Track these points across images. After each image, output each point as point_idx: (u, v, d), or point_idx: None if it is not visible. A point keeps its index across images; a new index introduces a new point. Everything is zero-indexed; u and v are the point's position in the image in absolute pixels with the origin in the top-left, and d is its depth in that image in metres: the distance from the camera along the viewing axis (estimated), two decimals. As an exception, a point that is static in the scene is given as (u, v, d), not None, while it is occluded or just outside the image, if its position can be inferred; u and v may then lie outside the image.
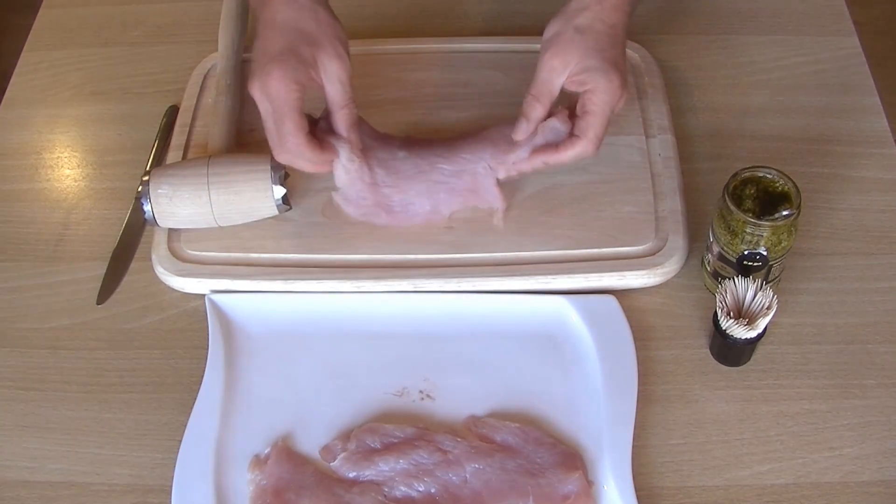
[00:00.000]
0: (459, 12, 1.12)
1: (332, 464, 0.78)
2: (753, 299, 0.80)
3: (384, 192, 0.90)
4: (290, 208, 0.90)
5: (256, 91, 0.82)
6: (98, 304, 0.90)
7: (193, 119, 1.00)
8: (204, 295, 0.88)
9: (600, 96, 0.84)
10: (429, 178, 0.91)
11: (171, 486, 0.77)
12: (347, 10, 0.90)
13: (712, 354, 0.84)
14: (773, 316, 0.79)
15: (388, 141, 0.92)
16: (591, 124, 0.85)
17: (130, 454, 0.81)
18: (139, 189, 0.88)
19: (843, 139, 0.99)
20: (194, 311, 0.88)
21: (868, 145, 0.98)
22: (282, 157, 0.84)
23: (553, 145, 0.87)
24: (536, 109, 0.87)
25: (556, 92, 0.86)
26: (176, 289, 0.90)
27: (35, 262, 0.93)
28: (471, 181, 0.90)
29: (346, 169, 0.86)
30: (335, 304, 0.87)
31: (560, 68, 0.85)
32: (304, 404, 0.82)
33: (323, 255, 0.89)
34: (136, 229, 0.94)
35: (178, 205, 0.88)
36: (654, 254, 0.88)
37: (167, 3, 1.15)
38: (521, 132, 0.88)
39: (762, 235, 0.80)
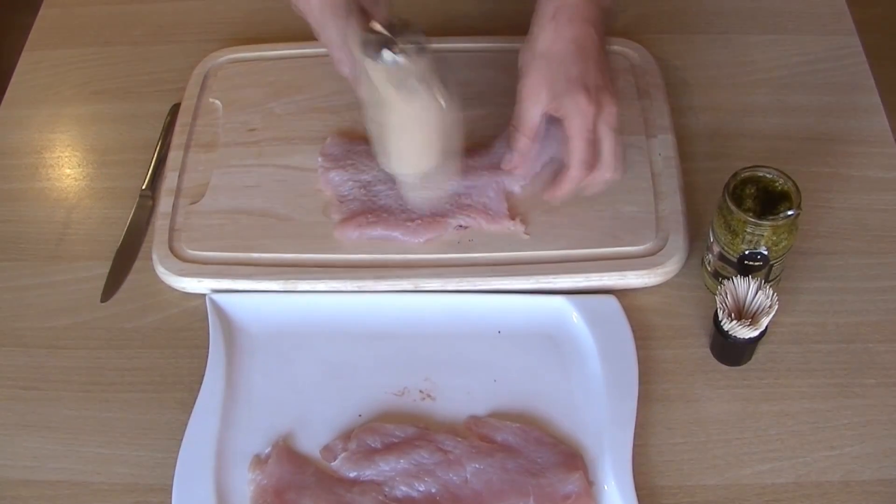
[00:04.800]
0: (459, 12, 1.12)
1: (332, 463, 0.78)
2: (754, 299, 0.80)
3: (377, 190, 0.91)
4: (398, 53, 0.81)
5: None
6: (102, 301, 0.90)
7: (194, 118, 1.00)
8: (204, 294, 0.88)
9: (571, 122, 0.84)
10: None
11: (171, 486, 0.77)
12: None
13: (713, 354, 0.84)
14: (774, 315, 0.79)
15: None
16: (573, 150, 0.84)
17: (131, 453, 0.81)
18: None
19: (843, 138, 0.99)
20: (195, 311, 0.88)
21: (868, 144, 0.98)
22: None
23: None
24: (521, 141, 0.88)
25: (537, 123, 0.86)
26: (177, 288, 0.90)
27: (36, 261, 0.93)
28: (479, 200, 0.92)
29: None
30: (335, 304, 0.87)
31: (533, 101, 0.85)
32: (305, 404, 0.82)
33: (323, 255, 0.89)
34: (140, 227, 0.94)
35: None
36: (654, 253, 0.88)
37: (167, 3, 1.15)
38: (509, 163, 0.90)
39: (762, 235, 0.80)
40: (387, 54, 0.80)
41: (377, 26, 0.82)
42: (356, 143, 0.96)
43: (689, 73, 1.05)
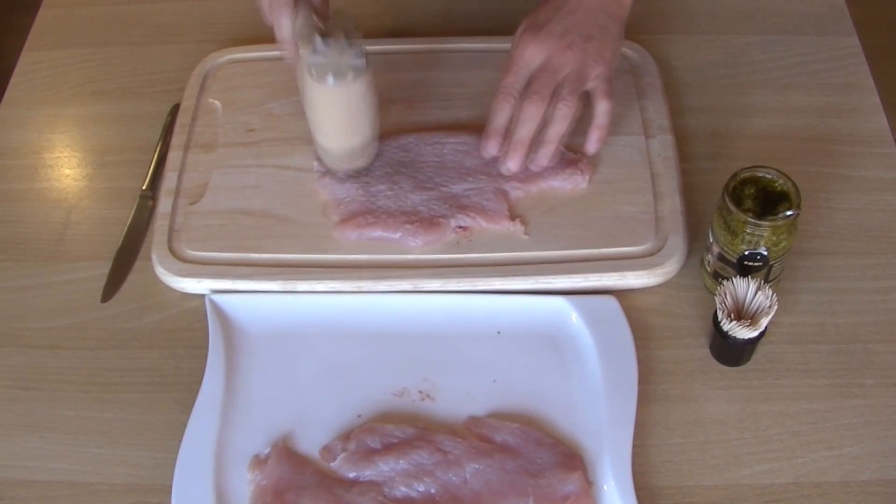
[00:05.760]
0: (459, 12, 1.12)
1: (332, 464, 0.78)
2: (753, 299, 0.80)
3: (376, 190, 0.91)
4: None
5: None
6: (102, 301, 0.90)
7: (193, 119, 1.00)
8: (204, 295, 0.88)
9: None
10: (430, 191, 0.92)
11: (171, 486, 0.77)
12: (348, 11, 0.91)
13: (712, 354, 0.84)
14: (773, 316, 0.79)
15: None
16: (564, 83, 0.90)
17: (130, 454, 0.81)
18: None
19: (843, 139, 0.99)
20: (194, 311, 0.88)
21: (868, 145, 0.98)
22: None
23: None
24: (507, 78, 0.92)
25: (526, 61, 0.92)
26: (176, 289, 0.90)
27: (35, 261, 0.93)
28: (479, 202, 0.91)
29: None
30: (335, 304, 0.87)
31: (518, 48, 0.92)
32: (304, 404, 0.82)
33: (323, 255, 0.89)
34: (141, 227, 0.94)
35: None
36: (654, 254, 0.88)
37: (167, 3, 1.15)
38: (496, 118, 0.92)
39: (762, 235, 0.80)
40: (318, 43, 0.84)
41: (314, 17, 0.86)
42: None
43: (689, 73, 1.05)
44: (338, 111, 0.88)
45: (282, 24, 0.88)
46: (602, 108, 0.91)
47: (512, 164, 0.90)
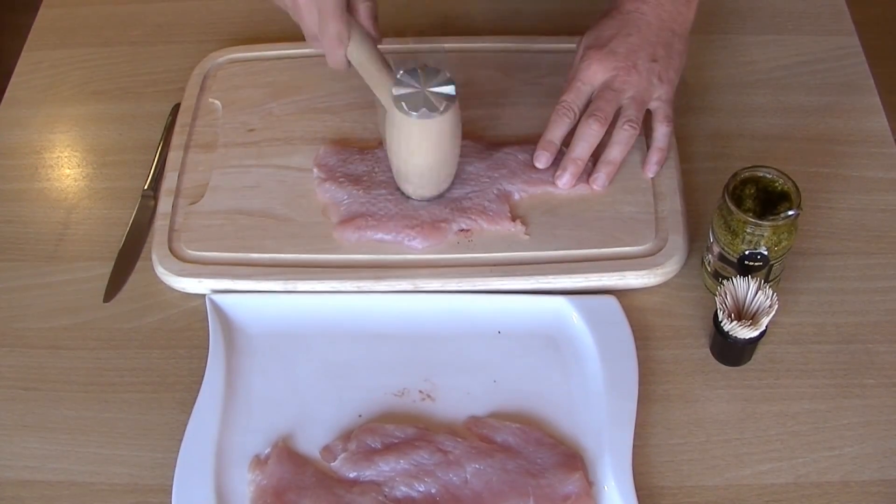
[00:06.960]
0: (459, 12, 1.12)
1: (332, 464, 0.78)
2: (754, 299, 0.80)
3: (376, 193, 0.91)
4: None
5: None
6: (105, 301, 0.89)
7: (193, 119, 1.00)
8: (204, 295, 0.88)
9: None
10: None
11: (171, 486, 0.77)
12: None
13: (712, 354, 0.84)
14: (774, 315, 0.79)
15: None
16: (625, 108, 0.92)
17: (131, 454, 0.81)
18: None
19: (843, 139, 0.99)
20: (195, 311, 0.88)
21: (868, 145, 0.98)
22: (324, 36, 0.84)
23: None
24: (570, 91, 0.93)
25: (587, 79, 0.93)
26: (176, 289, 0.90)
27: (35, 261, 0.93)
28: (480, 203, 0.91)
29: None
30: (335, 304, 0.87)
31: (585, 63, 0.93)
32: (305, 404, 0.82)
33: (323, 255, 0.89)
34: (143, 227, 0.94)
35: None
36: (654, 254, 0.88)
37: (167, 3, 1.15)
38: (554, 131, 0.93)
39: (763, 235, 0.80)
40: (423, 113, 0.82)
41: (407, 76, 0.84)
42: (350, 150, 0.96)
43: (689, 73, 1.04)
44: (429, 143, 0.85)
45: (338, 59, 0.86)
46: (662, 131, 0.92)
47: (567, 180, 0.91)
